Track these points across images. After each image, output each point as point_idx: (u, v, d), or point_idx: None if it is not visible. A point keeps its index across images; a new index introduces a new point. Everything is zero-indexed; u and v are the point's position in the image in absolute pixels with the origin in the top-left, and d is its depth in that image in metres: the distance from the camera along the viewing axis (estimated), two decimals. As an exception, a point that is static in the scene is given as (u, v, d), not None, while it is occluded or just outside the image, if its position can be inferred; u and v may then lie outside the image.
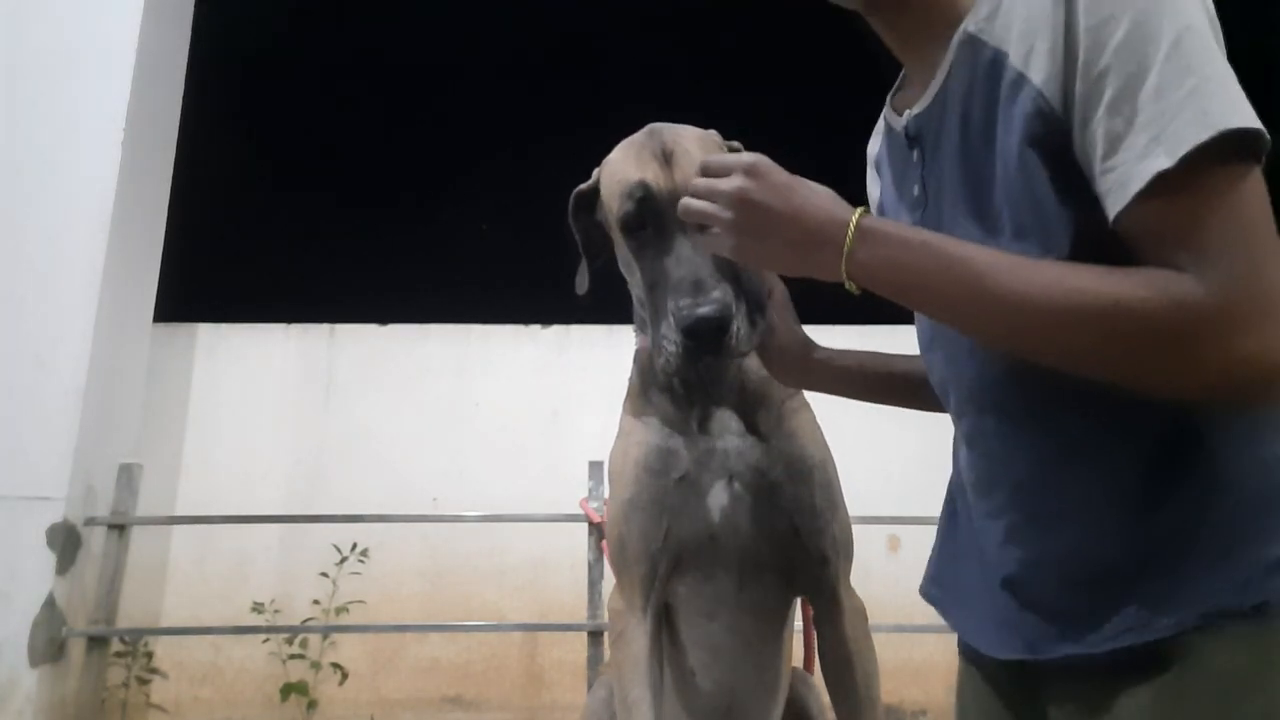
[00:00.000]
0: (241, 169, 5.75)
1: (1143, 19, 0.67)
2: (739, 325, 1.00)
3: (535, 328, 4.25)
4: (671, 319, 1.00)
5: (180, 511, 3.79)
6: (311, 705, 3.46)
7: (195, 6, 3.93)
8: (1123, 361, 0.69)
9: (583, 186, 1.26)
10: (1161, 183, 0.65)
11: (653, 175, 1.08)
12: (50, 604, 2.94)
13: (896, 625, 3.24)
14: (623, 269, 1.22)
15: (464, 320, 4.28)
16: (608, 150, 1.23)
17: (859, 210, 0.79)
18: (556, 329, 4.23)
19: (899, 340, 1.13)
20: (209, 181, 4.71)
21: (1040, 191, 0.73)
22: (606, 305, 1.43)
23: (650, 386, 1.22)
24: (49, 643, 2.91)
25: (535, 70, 6.36)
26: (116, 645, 3.26)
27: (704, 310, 0.97)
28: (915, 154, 0.89)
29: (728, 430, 1.18)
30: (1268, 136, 0.66)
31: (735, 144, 1.19)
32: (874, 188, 1.03)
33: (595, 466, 3.12)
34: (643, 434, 1.20)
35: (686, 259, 1.02)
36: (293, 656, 3.51)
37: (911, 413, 1.10)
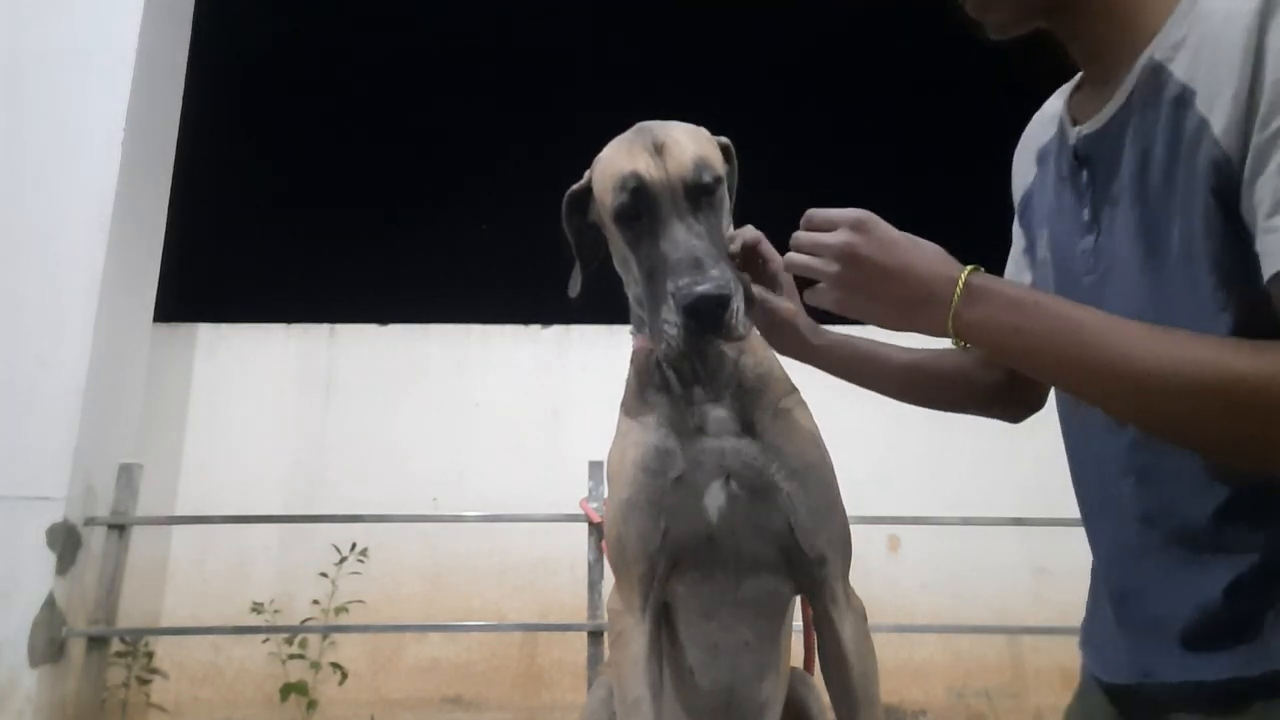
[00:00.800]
0: (241, 169, 5.76)
1: None
2: (737, 304, 1.00)
3: (535, 328, 4.25)
4: (671, 300, 1.00)
5: (180, 511, 3.79)
6: (311, 705, 3.46)
7: (195, 6, 3.93)
8: (1242, 439, 0.67)
9: (575, 187, 1.26)
10: None
11: (644, 166, 1.09)
12: (50, 604, 2.94)
13: (896, 625, 3.24)
14: (618, 266, 1.23)
15: (464, 320, 4.28)
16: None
17: (968, 269, 0.79)
18: (556, 329, 4.23)
19: (896, 340, 1.13)
20: (209, 181, 4.72)
21: (1216, 244, 0.71)
22: (606, 305, 1.43)
23: (647, 386, 1.22)
24: (49, 643, 2.91)
25: (536, 70, 6.36)
26: (116, 645, 3.26)
27: (704, 287, 0.97)
28: (1085, 175, 0.86)
29: (724, 429, 1.18)
30: None
31: (723, 139, 1.20)
32: (1025, 175, 1.00)
33: (595, 466, 3.12)
34: (640, 434, 1.20)
35: (682, 243, 1.03)
36: (292, 656, 3.51)
37: (912, 413, 1.10)
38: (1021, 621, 3.54)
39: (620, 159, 1.13)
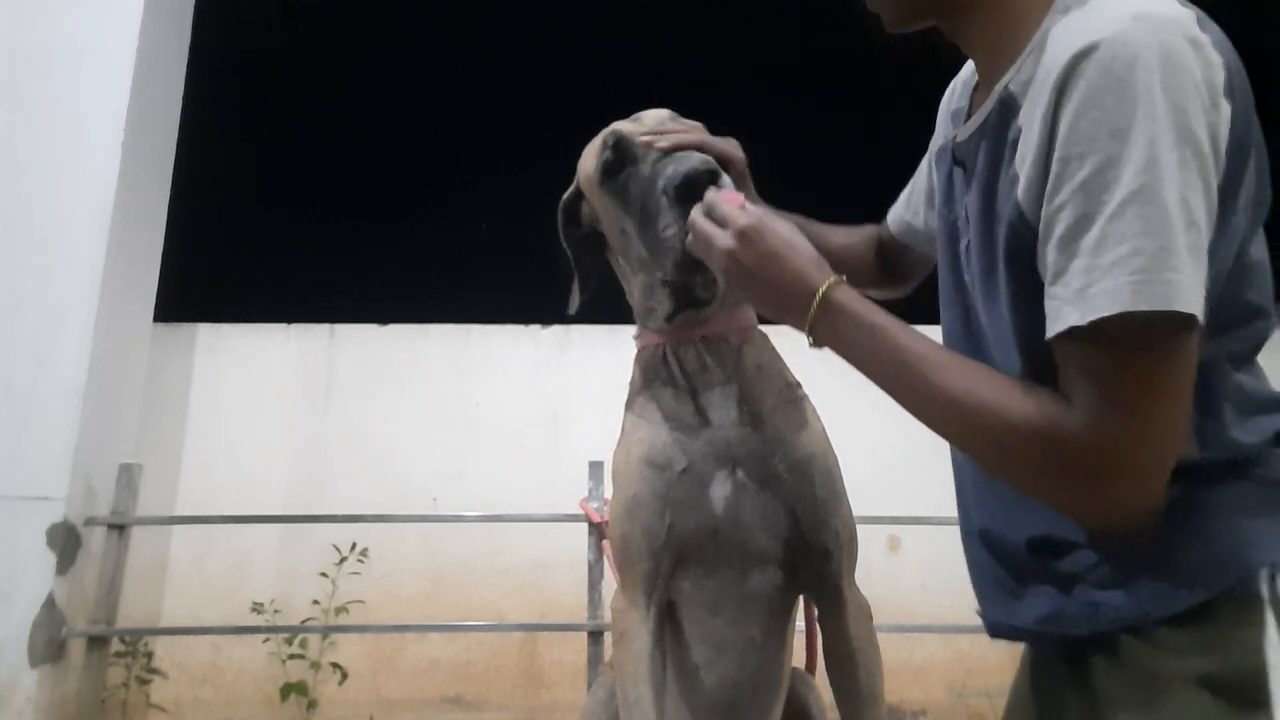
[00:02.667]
0: (241, 169, 5.76)
1: (1106, 165, 0.70)
2: (726, 183, 1.04)
3: (535, 328, 4.25)
4: (665, 199, 1.04)
5: (180, 511, 3.79)
6: (311, 705, 3.46)
7: (195, 6, 3.93)
8: (1004, 468, 0.77)
9: (567, 194, 1.30)
10: (1074, 331, 0.72)
11: (622, 125, 1.19)
12: (50, 604, 2.94)
13: (897, 625, 3.24)
14: (617, 243, 1.25)
15: (464, 320, 4.28)
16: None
17: (828, 283, 0.87)
18: (556, 329, 4.23)
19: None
20: (209, 181, 4.71)
21: (1014, 286, 0.80)
22: (606, 306, 1.43)
23: (653, 382, 1.23)
24: (49, 643, 2.91)
25: (536, 70, 6.36)
26: (116, 645, 3.26)
27: (692, 163, 1.02)
28: (960, 174, 0.94)
29: (729, 420, 1.18)
30: (1188, 316, 0.69)
31: (695, 124, 1.23)
32: (944, 130, 1.06)
33: (595, 466, 3.12)
34: (646, 431, 1.20)
35: (665, 159, 1.09)
36: (292, 656, 3.51)
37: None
38: (1021, 621, 3.57)
39: (598, 140, 1.22)
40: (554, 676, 3.68)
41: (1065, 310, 0.72)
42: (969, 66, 1.03)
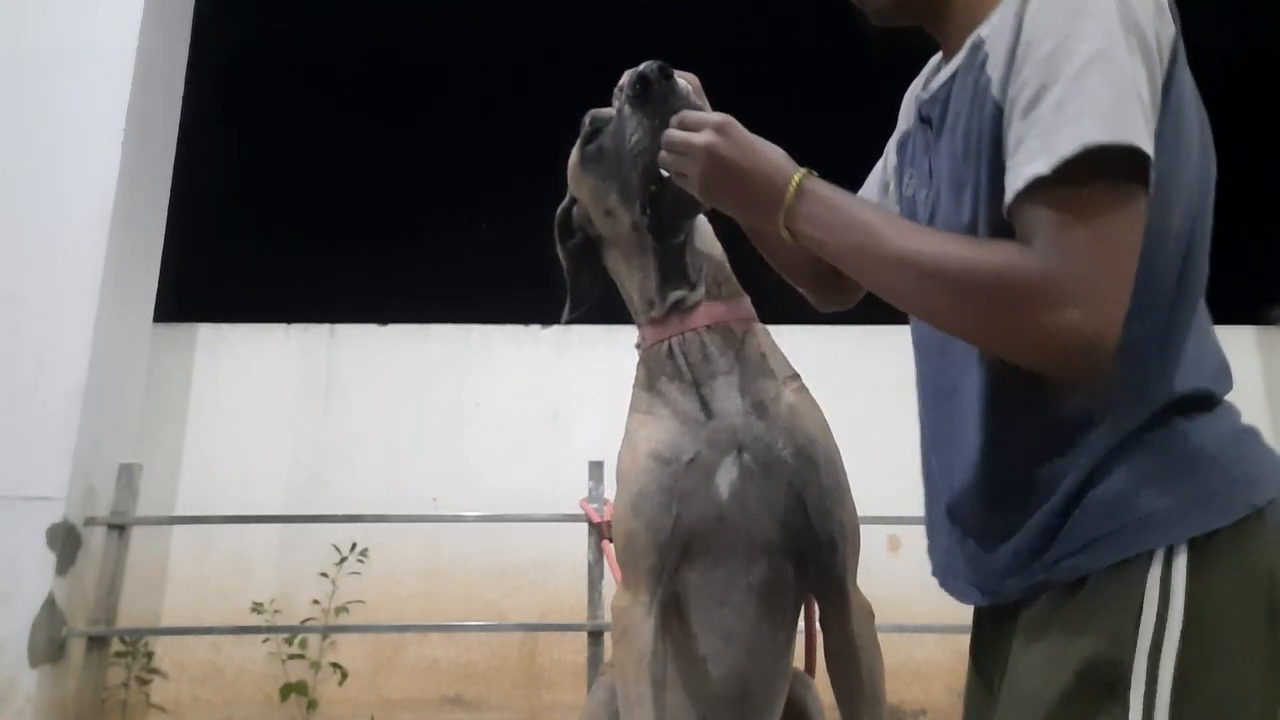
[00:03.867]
0: (241, 169, 5.75)
1: (1064, 40, 0.76)
2: (684, 85, 1.11)
3: (535, 328, 4.25)
4: (627, 108, 1.12)
5: (180, 511, 3.79)
6: (311, 705, 3.46)
7: (195, 6, 3.92)
8: (966, 316, 0.79)
9: (561, 205, 1.34)
10: (1037, 185, 0.74)
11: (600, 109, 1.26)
12: (50, 604, 2.94)
13: (897, 625, 3.24)
14: (605, 232, 1.29)
15: (464, 320, 4.28)
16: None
17: (802, 172, 0.90)
18: (556, 329, 4.23)
19: (898, 340, 1.14)
20: (209, 182, 4.71)
21: (997, 185, 0.81)
22: (606, 305, 1.44)
23: (658, 376, 1.24)
24: (49, 643, 2.91)
25: (537, 69, 6.36)
26: (116, 645, 3.26)
27: (646, 63, 1.09)
28: (926, 133, 0.98)
29: (733, 408, 1.20)
30: (1143, 152, 0.73)
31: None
32: (907, 120, 1.10)
33: (595, 466, 3.12)
34: (652, 427, 1.21)
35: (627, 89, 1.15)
36: (293, 656, 3.51)
37: (913, 414, 1.11)
38: (1021, 621, 3.57)
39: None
40: (554, 676, 3.68)
41: (1026, 169, 0.75)
42: (933, 60, 1.06)
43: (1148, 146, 0.73)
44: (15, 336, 3.15)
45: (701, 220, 1.34)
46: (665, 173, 1.05)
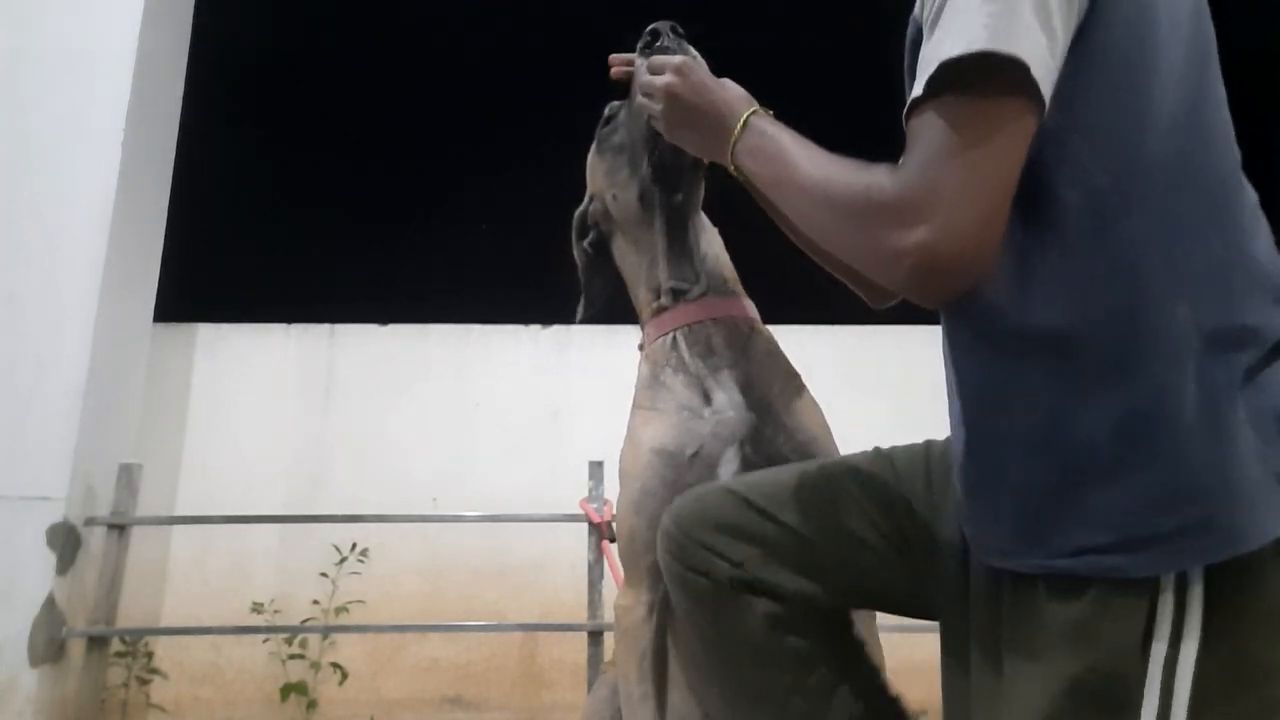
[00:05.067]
0: (241, 169, 5.75)
1: None
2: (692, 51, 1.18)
3: (535, 328, 4.25)
4: (639, 54, 1.21)
5: (180, 511, 3.79)
6: (311, 705, 3.45)
7: (195, 6, 3.92)
8: (839, 236, 0.79)
9: (580, 208, 1.41)
10: (914, 106, 0.73)
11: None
12: (50, 604, 2.94)
13: (897, 625, 3.24)
14: (617, 216, 1.34)
15: (464, 320, 4.28)
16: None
17: (751, 110, 0.94)
18: (556, 329, 4.23)
19: (897, 340, 1.14)
20: (209, 181, 4.71)
21: None
22: (606, 306, 1.44)
23: (663, 369, 1.25)
24: (49, 643, 2.91)
25: (537, 69, 6.36)
26: (116, 645, 3.25)
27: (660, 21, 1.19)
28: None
29: (736, 402, 1.21)
30: (1018, 59, 0.67)
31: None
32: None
33: (595, 466, 3.12)
34: (656, 423, 1.22)
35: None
36: (293, 656, 3.50)
37: (913, 412, 1.11)
38: (1021, 621, 3.57)
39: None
40: (554, 676, 3.68)
41: (910, 94, 0.73)
42: None
43: (1029, 55, 0.67)
44: (15, 336, 3.15)
45: (707, 222, 1.36)
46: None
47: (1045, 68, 0.68)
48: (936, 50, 0.71)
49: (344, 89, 6.43)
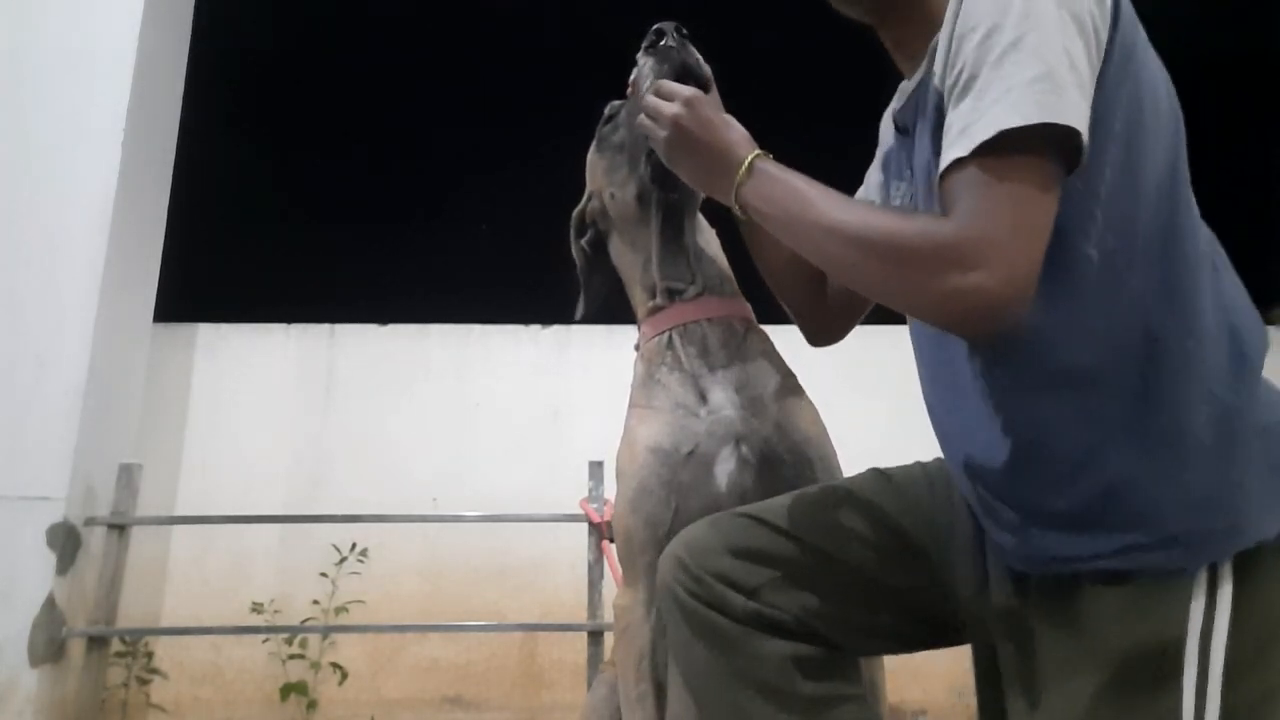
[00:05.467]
0: (241, 169, 5.75)
1: (991, 30, 0.79)
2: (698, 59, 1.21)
3: (535, 328, 4.25)
4: (643, 51, 1.23)
5: (180, 511, 3.79)
6: (311, 705, 3.46)
7: (195, 6, 3.92)
8: (885, 279, 0.84)
9: (578, 206, 1.41)
10: (957, 164, 0.79)
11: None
12: (50, 604, 2.94)
13: (896, 625, 3.24)
14: (614, 213, 1.34)
15: (464, 320, 4.28)
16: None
17: (756, 152, 0.97)
18: (556, 329, 4.23)
19: (897, 340, 1.14)
20: (209, 181, 4.71)
21: None
22: (606, 306, 1.45)
23: (659, 368, 1.25)
24: (49, 643, 2.91)
25: (537, 69, 6.36)
26: (116, 645, 3.25)
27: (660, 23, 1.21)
28: (904, 140, 1.03)
29: (732, 401, 1.21)
30: (1063, 127, 0.75)
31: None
32: (887, 138, 1.15)
33: (595, 466, 3.12)
34: (651, 421, 1.22)
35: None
36: (292, 656, 3.50)
37: (912, 411, 1.11)
38: (1021, 621, 3.56)
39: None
40: (554, 676, 3.68)
41: (949, 153, 0.79)
42: (902, 83, 1.08)
43: (1073, 119, 0.76)
44: (15, 336, 3.15)
45: (704, 223, 1.37)
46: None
47: (1084, 120, 0.77)
48: (987, 119, 0.77)
49: (344, 89, 6.43)
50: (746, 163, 0.96)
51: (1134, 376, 0.81)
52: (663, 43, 1.21)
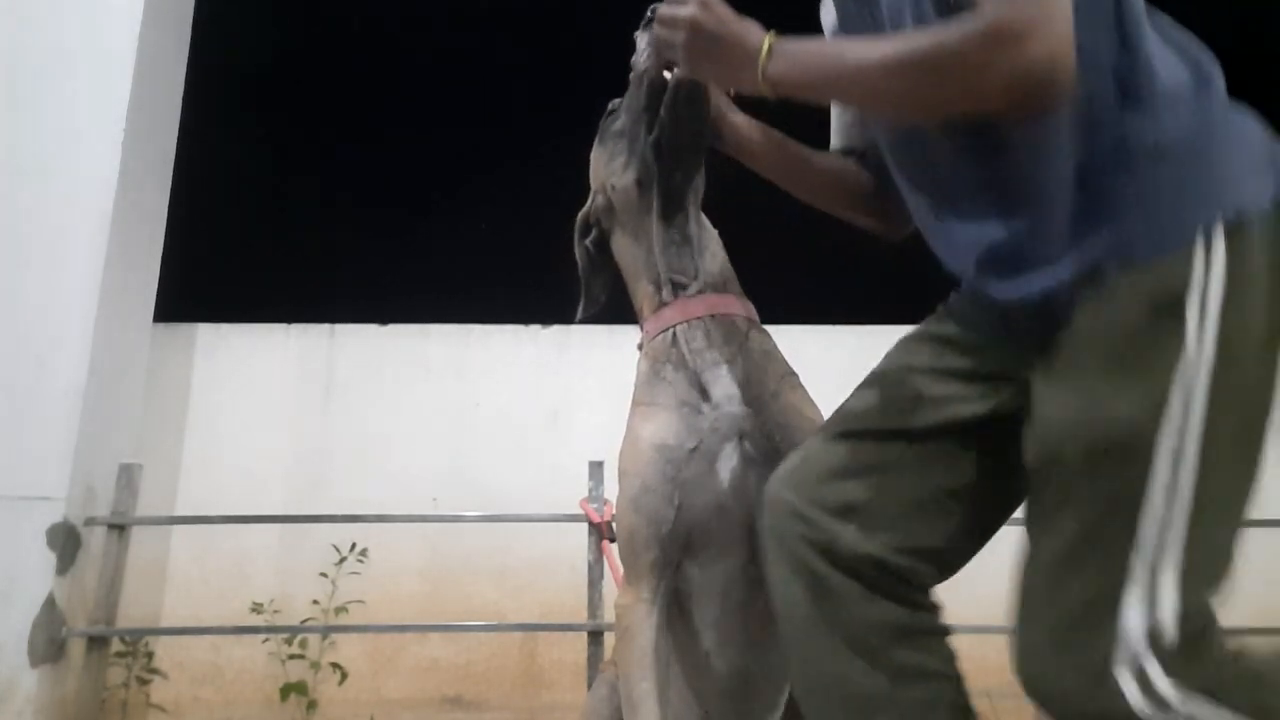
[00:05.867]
0: (241, 169, 5.75)
1: None
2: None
3: (535, 328, 4.25)
4: (642, 30, 1.23)
5: (180, 511, 3.79)
6: (311, 705, 3.46)
7: (195, 7, 3.93)
8: (943, 88, 0.88)
9: (582, 210, 1.41)
10: None
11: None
12: (50, 604, 2.94)
13: (896, 625, 3.24)
14: (618, 205, 1.35)
15: (464, 320, 4.28)
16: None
17: (772, 33, 1.02)
18: (556, 329, 4.23)
19: (896, 340, 1.14)
20: (209, 181, 4.71)
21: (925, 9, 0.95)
22: (607, 305, 1.45)
23: (664, 365, 1.26)
24: (49, 643, 2.91)
25: (537, 69, 6.36)
26: (116, 645, 3.25)
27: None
28: None
29: (734, 396, 1.22)
30: None
31: None
32: (829, 14, 1.21)
33: (595, 466, 3.12)
34: (656, 418, 1.23)
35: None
36: (292, 657, 3.50)
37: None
38: (1021, 621, 3.57)
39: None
40: (554, 676, 3.68)
41: None
42: None
43: None
44: (15, 336, 3.15)
45: (707, 223, 1.37)
46: (667, 75, 1.21)
47: None
48: None
49: (344, 89, 6.44)
50: (766, 45, 1.00)
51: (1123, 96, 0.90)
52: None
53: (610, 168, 1.34)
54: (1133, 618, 0.82)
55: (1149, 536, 0.82)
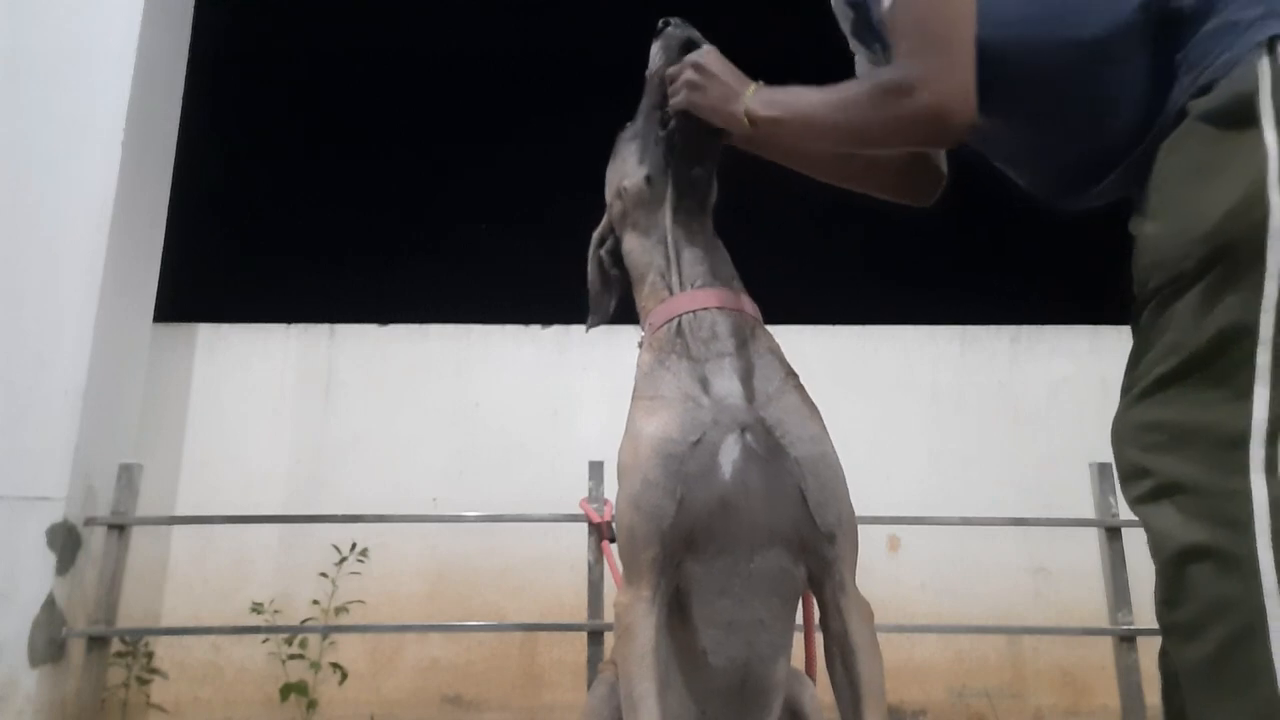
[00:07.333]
0: (242, 169, 5.75)
1: None
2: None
3: (535, 328, 4.25)
4: (656, 38, 1.40)
5: (180, 511, 3.79)
6: (311, 705, 3.46)
7: (195, 6, 3.93)
8: (863, 130, 1.09)
9: (599, 228, 1.45)
10: (891, 9, 1.06)
11: None
12: (50, 604, 2.94)
13: (897, 625, 3.24)
14: (627, 203, 1.39)
15: (464, 320, 4.28)
16: (609, 150, 1.45)
17: (755, 84, 1.23)
18: (556, 329, 4.23)
19: (897, 340, 1.15)
20: (209, 182, 4.71)
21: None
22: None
23: (667, 354, 1.26)
24: (49, 643, 2.91)
25: (537, 70, 6.36)
26: (116, 645, 3.26)
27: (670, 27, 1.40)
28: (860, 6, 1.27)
29: (737, 390, 1.22)
30: None
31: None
32: (846, 16, 1.34)
33: (595, 466, 3.12)
34: (660, 411, 1.23)
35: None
36: (292, 657, 3.50)
37: (912, 412, 1.12)
38: (1022, 621, 3.54)
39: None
40: (554, 676, 3.68)
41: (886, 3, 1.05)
42: None
43: None
44: (15, 336, 3.15)
45: (715, 236, 1.40)
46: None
47: None
48: None
49: (344, 89, 6.43)
50: (750, 90, 1.22)
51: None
52: (669, 29, 1.39)
53: (623, 170, 1.39)
54: None
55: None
